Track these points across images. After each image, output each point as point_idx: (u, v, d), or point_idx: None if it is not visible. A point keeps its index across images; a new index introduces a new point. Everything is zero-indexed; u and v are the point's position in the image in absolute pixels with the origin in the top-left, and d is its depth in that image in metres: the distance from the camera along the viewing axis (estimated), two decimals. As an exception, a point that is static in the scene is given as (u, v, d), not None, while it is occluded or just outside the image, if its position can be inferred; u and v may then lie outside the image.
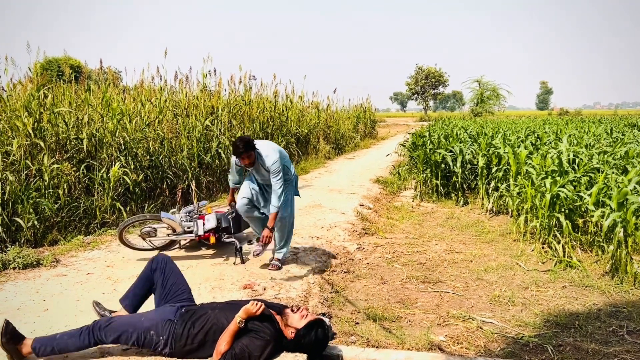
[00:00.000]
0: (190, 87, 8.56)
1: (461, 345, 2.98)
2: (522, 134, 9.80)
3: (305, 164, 11.24)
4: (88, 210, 5.47)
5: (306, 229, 5.52)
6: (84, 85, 6.73)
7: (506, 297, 3.70)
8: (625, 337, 3.03)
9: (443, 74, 57.20)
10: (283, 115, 11.22)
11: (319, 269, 4.25)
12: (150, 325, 2.53)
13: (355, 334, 3.11)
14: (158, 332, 2.51)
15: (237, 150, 3.72)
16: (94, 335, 2.48)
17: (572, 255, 4.43)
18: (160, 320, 2.55)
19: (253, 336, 2.47)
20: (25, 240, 4.71)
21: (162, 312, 2.63)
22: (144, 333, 2.50)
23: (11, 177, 4.80)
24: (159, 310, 2.67)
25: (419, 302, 3.69)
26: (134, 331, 2.50)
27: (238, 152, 3.72)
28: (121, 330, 2.50)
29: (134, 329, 2.51)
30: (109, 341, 2.51)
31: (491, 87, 42.02)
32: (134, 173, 5.97)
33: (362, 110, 20.22)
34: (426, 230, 5.83)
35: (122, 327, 2.51)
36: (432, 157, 7.66)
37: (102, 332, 2.48)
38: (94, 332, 2.48)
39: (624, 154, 6.04)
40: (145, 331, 2.50)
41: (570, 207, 4.82)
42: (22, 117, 5.34)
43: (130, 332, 2.49)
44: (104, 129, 6.03)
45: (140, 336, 2.50)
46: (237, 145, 3.71)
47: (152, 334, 2.51)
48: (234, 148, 3.75)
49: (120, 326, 2.51)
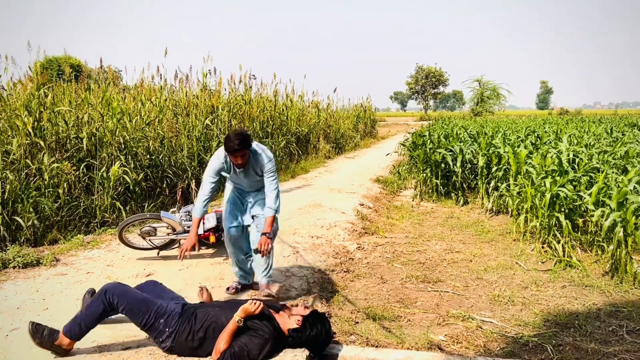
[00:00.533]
0: (190, 87, 8.58)
1: (461, 345, 2.98)
2: (522, 133, 9.80)
3: (306, 163, 11.24)
4: (88, 209, 5.47)
5: (306, 229, 5.52)
6: (84, 84, 6.73)
7: (506, 297, 3.70)
8: (625, 337, 3.03)
9: (443, 74, 57.18)
10: (283, 115, 11.22)
11: (319, 269, 4.25)
12: (163, 313, 2.55)
13: (354, 333, 3.11)
14: (167, 323, 2.54)
15: (231, 146, 3.10)
16: (106, 298, 2.52)
17: (572, 255, 4.43)
18: (171, 312, 2.58)
19: (252, 335, 2.47)
20: (25, 239, 4.71)
21: (174, 306, 2.65)
22: (155, 317, 2.53)
23: (11, 176, 4.80)
24: (172, 303, 2.68)
25: (419, 302, 3.69)
26: (146, 311, 2.52)
27: (233, 148, 3.10)
28: (133, 304, 2.53)
29: (147, 309, 2.54)
30: (119, 309, 2.54)
31: (491, 86, 41.99)
32: (134, 172, 5.97)
33: (362, 109, 20.22)
34: (426, 229, 5.83)
35: (135, 302, 2.54)
36: (432, 156, 7.66)
37: (115, 297, 2.52)
38: (106, 294, 2.52)
39: (624, 153, 6.04)
40: (156, 316, 2.53)
41: (570, 207, 4.82)
42: (22, 116, 5.33)
43: (143, 311, 2.52)
44: (104, 128, 6.03)
45: (150, 319, 2.53)
46: (231, 140, 3.09)
47: (161, 322, 2.53)
48: (228, 144, 3.11)
49: (134, 300, 2.54)
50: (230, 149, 3.11)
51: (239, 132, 3.13)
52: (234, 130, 3.20)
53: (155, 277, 3.88)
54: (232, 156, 3.17)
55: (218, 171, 3.31)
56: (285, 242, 4.92)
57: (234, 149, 3.09)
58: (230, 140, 3.10)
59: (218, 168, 3.30)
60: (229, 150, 3.13)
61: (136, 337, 2.80)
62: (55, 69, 19.10)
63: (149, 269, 4.13)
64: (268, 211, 3.30)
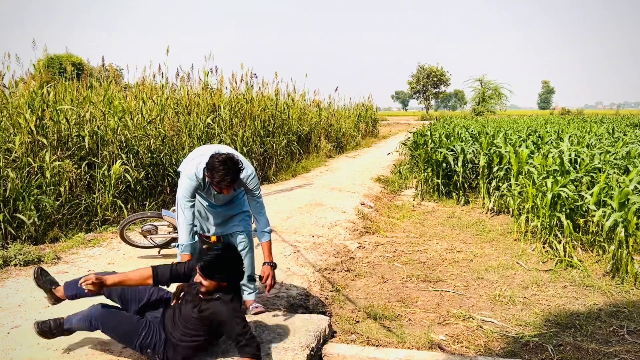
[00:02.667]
0: (191, 85, 8.58)
1: (461, 344, 2.98)
2: (523, 133, 9.79)
3: (307, 162, 11.24)
4: (89, 207, 5.48)
5: (307, 228, 5.52)
6: (86, 82, 6.74)
7: (507, 297, 3.70)
8: (626, 337, 3.03)
9: (445, 73, 57.14)
10: (284, 114, 11.22)
11: (320, 268, 4.25)
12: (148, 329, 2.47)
13: (355, 332, 3.12)
14: (155, 350, 2.46)
15: (222, 178, 2.57)
16: (92, 325, 2.47)
17: (573, 255, 4.42)
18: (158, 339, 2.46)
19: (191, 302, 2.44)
20: (27, 237, 4.72)
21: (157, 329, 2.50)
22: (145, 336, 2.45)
23: (12, 174, 4.81)
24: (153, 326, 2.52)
25: (420, 301, 3.69)
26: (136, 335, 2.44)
27: (222, 185, 2.61)
28: (120, 333, 2.45)
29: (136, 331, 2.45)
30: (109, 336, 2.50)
31: (493, 86, 41.88)
32: (135, 170, 5.98)
33: (364, 108, 20.20)
34: (427, 229, 5.83)
35: (121, 331, 2.45)
36: (434, 156, 7.65)
37: (101, 325, 2.46)
38: (92, 323, 2.46)
39: (625, 154, 6.03)
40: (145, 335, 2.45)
41: (571, 207, 4.82)
42: (24, 114, 5.34)
43: (133, 336, 2.44)
44: (105, 127, 6.04)
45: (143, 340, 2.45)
46: (220, 175, 2.57)
47: (148, 352, 2.47)
48: (216, 178, 2.58)
49: (121, 330, 2.45)
50: (219, 185, 2.63)
51: (230, 166, 2.59)
52: (222, 159, 2.58)
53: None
54: (217, 187, 2.66)
55: (194, 192, 2.80)
56: (286, 241, 4.92)
57: (225, 181, 2.60)
58: (218, 174, 2.57)
59: (194, 189, 2.79)
60: (217, 185, 2.63)
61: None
62: (57, 67, 19.12)
63: (150, 267, 4.13)
64: (264, 236, 2.91)
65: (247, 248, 3.09)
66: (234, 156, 2.66)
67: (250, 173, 2.84)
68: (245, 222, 3.09)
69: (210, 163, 2.61)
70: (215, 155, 2.61)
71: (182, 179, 2.80)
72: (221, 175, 2.57)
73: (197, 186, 2.78)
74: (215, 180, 2.61)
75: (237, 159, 2.66)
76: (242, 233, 3.06)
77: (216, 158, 2.59)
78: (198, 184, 2.77)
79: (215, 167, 2.58)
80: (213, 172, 2.59)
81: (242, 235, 3.07)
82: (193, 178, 2.75)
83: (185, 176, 2.77)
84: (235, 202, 3.09)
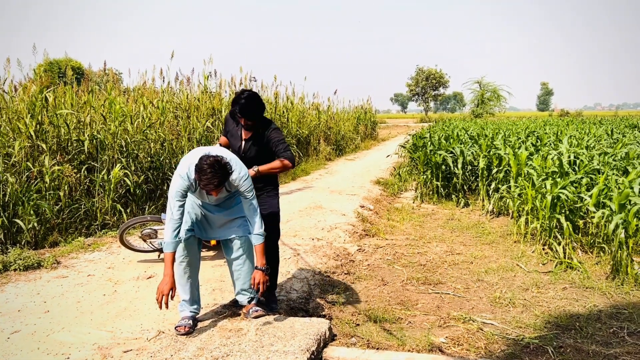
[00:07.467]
0: (191, 89, 8.60)
1: (462, 347, 2.98)
2: (522, 135, 9.81)
3: (306, 165, 11.25)
4: (89, 212, 5.48)
5: (307, 231, 5.52)
6: (87, 86, 6.75)
7: (507, 299, 3.70)
8: (626, 339, 3.03)
9: (443, 75, 57.19)
10: (284, 117, 11.24)
11: (320, 271, 4.25)
12: None
13: (355, 335, 3.11)
14: None
15: (209, 181, 2.61)
16: None
17: (573, 257, 4.42)
18: None
19: None
20: (26, 242, 4.72)
21: None
22: None
23: (12, 179, 4.81)
24: None
25: (420, 304, 3.69)
26: None
27: (210, 184, 2.62)
28: None
29: None
30: None
31: (492, 88, 42.00)
32: (134, 175, 5.98)
33: (363, 111, 20.23)
34: (427, 231, 5.83)
35: None
36: (433, 158, 7.66)
37: None
38: None
39: (624, 155, 6.04)
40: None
41: (570, 209, 4.82)
42: (24, 118, 5.35)
43: None
44: (105, 131, 6.04)
45: None
46: (208, 178, 2.61)
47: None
48: (203, 180, 2.62)
49: None
50: (206, 187, 2.66)
51: (217, 169, 2.61)
52: (210, 162, 2.61)
53: (155, 279, 3.89)
54: (205, 189, 2.70)
55: (185, 192, 2.81)
56: (286, 245, 4.92)
57: (212, 184, 2.62)
58: (205, 177, 2.60)
59: (185, 188, 2.80)
60: (204, 187, 2.66)
61: (137, 340, 2.80)
62: (56, 72, 19.15)
63: (149, 271, 4.13)
64: (257, 239, 2.88)
65: (246, 253, 3.07)
66: (222, 159, 2.68)
67: (243, 175, 2.85)
68: (245, 226, 3.07)
69: (199, 165, 2.66)
70: (204, 158, 2.66)
71: (175, 178, 2.85)
72: (208, 178, 2.61)
73: (188, 186, 2.82)
74: (202, 183, 2.65)
75: (226, 162, 2.68)
76: (241, 238, 3.04)
77: (204, 161, 2.64)
78: (189, 184, 2.81)
79: (203, 169, 2.62)
80: (200, 175, 2.64)
81: (241, 240, 3.05)
82: (185, 178, 2.79)
83: (178, 175, 2.82)
84: (234, 206, 3.09)
